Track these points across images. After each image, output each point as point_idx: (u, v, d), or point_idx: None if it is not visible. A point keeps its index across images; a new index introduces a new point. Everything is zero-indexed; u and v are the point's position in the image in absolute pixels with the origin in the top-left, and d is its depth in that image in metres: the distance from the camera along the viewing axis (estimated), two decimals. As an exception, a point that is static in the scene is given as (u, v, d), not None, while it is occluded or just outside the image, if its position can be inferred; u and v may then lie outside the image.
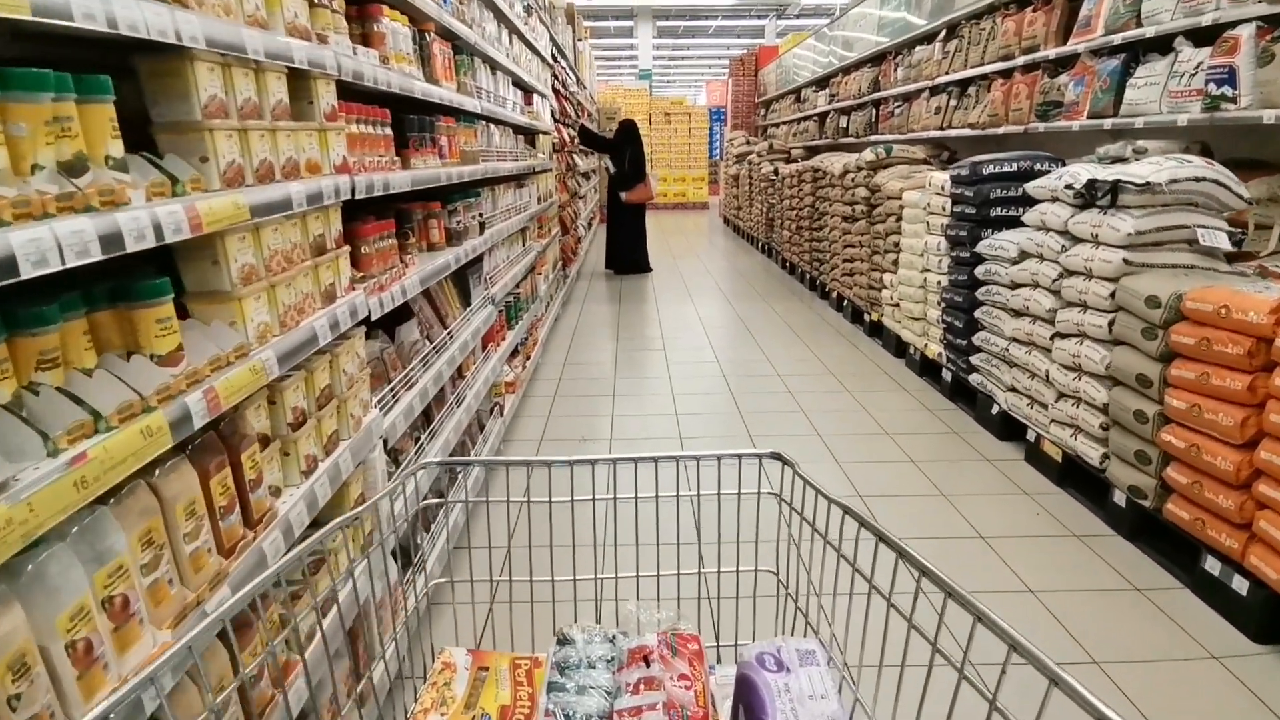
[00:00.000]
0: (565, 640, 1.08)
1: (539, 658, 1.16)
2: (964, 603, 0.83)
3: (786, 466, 1.24)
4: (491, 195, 3.78)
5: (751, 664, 1.01)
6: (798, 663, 1.01)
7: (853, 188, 6.42)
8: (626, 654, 1.06)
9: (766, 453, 1.26)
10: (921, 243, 4.89)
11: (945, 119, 6.13)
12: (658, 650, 1.05)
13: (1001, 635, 0.78)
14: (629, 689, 0.99)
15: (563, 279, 7.30)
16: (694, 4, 22.36)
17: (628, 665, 1.04)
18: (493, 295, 3.53)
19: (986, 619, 0.80)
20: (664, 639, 1.08)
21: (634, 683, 0.99)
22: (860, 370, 5.23)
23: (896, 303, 5.38)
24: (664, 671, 1.01)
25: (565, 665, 1.04)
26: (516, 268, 4.33)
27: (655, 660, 1.03)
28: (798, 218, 8.66)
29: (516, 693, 1.09)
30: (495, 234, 3.65)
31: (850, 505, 1.09)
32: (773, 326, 6.55)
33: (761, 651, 1.02)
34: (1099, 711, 0.66)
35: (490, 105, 3.65)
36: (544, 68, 6.30)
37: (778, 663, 1.01)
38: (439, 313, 2.83)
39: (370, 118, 2.02)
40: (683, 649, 1.06)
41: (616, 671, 1.04)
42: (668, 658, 1.04)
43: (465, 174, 3.01)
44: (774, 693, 0.96)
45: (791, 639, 1.06)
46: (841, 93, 9.12)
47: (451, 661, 1.13)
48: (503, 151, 4.07)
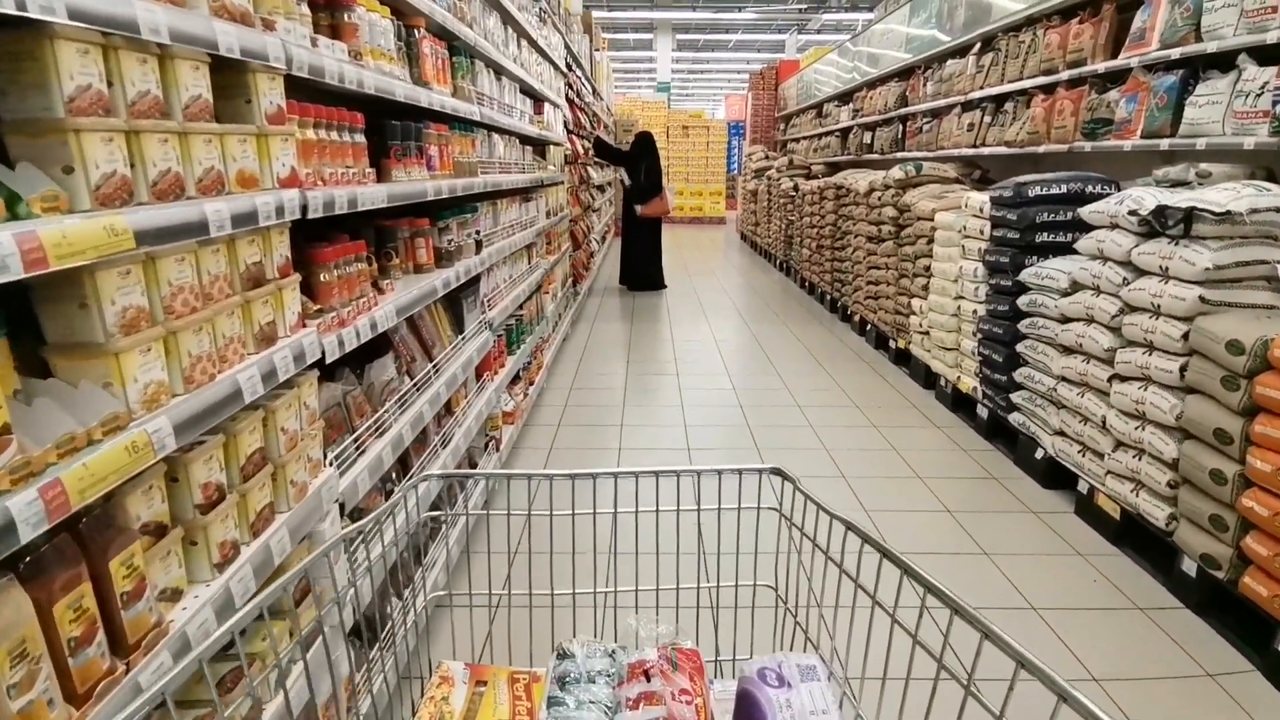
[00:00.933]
0: (565, 654, 1.08)
1: (538, 672, 1.15)
2: (970, 619, 0.81)
3: (787, 482, 1.23)
4: (492, 210, 3.48)
5: (752, 679, 1.02)
6: (799, 678, 1.01)
7: (879, 206, 6.09)
8: (626, 668, 1.05)
9: (768, 468, 1.26)
10: (955, 268, 4.54)
11: (978, 136, 5.79)
12: (658, 665, 1.04)
13: (1009, 651, 0.76)
14: (629, 704, 0.99)
15: (573, 296, 7.00)
16: (714, 17, 22.16)
17: (628, 680, 1.03)
18: (490, 320, 3.23)
19: (994, 635, 0.78)
20: (664, 653, 1.07)
21: (634, 697, 0.99)
22: (886, 402, 4.88)
23: (926, 330, 5.03)
24: (664, 686, 1.00)
25: (565, 680, 1.03)
26: (520, 288, 4.03)
27: (655, 675, 1.03)
28: (818, 236, 8.32)
29: (515, 707, 1.09)
30: (495, 252, 3.35)
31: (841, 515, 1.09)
32: (792, 350, 6.21)
33: (762, 666, 1.03)
34: None
35: (493, 113, 3.36)
36: (557, 76, 6.02)
37: (779, 678, 1.02)
38: (424, 343, 2.52)
39: (336, 122, 1.72)
40: (683, 663, 1.06)
41: (616, 686, 1.03)
42: (668, 672, 1.04)
43: (460, 188, 2.71)
44: (775, 708, 0.96)
45: (792, 654, 1.07)
46: (866, 108, 8.80)
47: (449, 675, 1.12)
48: (506, 163, 3.78)
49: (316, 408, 1.59)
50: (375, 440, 1.92)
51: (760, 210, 12.76)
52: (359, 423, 1.85)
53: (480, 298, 3.20)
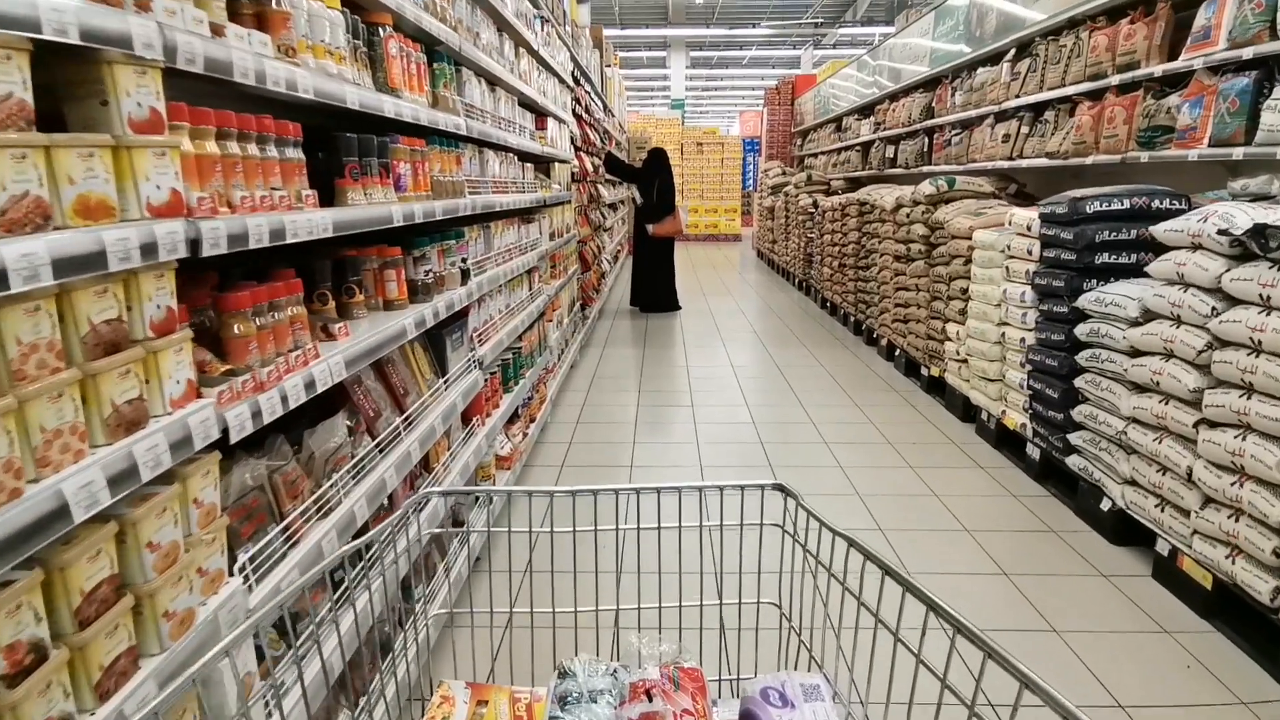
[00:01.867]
0: (566, 673, 1.07)
1: (539, 692, 1.14)
2: (973, 638, 0.81)
3: (790, 499, 1.22)
4: (484, 234, 3.12)
5: (755, 699, 1.02)
6: (802, 698, 1.01)
7: (908, 224, 5.69)
8: (628, 688, 1.04)
9: (771, 484, 1.25)
10: (998, 291, 4.13)
11: (1015, 147, 5.39)
12: (660, 684, 1.04)
13: (1014, 673, 0.75)
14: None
15: (581, 321, 6.64)
16: (729, 34, 21.95)
17: (630, 699, 1.02)
18: (480, 358, 2.86)
19: (997, 655, 0.78)
20: (666, 672, 1.07)
21: (635, 718, 0.99)
22: (922, 438, 4.45)
23: (964, 358, 4.61)
24: (666, 706, 1.00)
25: (566, 699, 1.02)
26: (518, 318, 3.66)
27: (658, 694, 1.02)
28: (840, 254, 7.92)
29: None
30: (488, 281, 2.99)
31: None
32: (815, 378, 5.80)
33: (765, 686, 1.04)
34: None
35: (485, 127, 3.01)
36: (563, 90, 5.70)
37: (782, 698, 1.01)
38: (395, 392, 2.15)
39: (253, 132, 1.36)
40: (685, 683, 1.06)
41: (618, 706, 1.02)
42: (670, 692, 1.03)
43: (440, 211, 2.35)
44: None
45: (796, 673, 1.08)
46: (888, 120, 8.42)
47: (450, 695, 1.12)
48: (502, 182, 3.43)
49: (217, 501, 1.21)
50: (315, 525, 1.54)
51: (777, 227, 12.38)
52: (291, 506, 1.47)
53: (468, 333, 2.83)
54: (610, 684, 1.05)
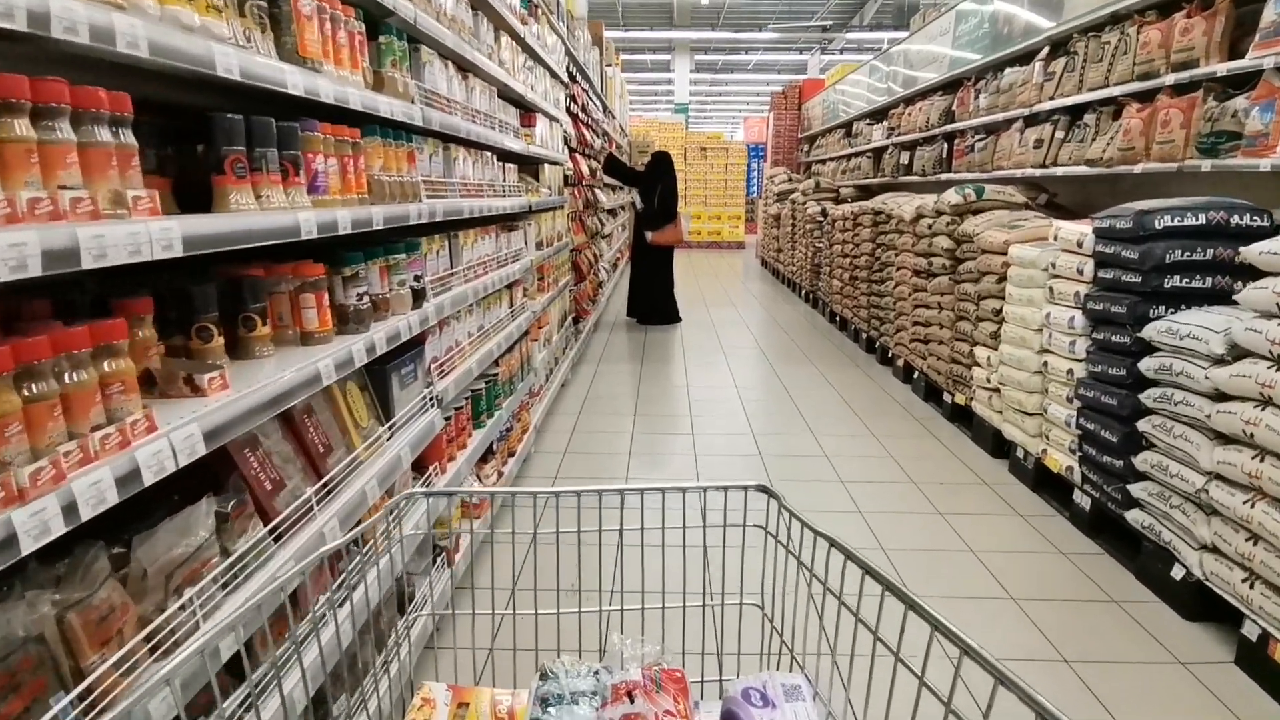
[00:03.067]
0: (548, 675, 1.07)
1: (521, 694, 1.14)
2: (949, 634, 0.82)
3: (773, 500, 1.22)
4: (448, 246, 2.65)
5: (737, 699, 1.02)
6: (783, 698, 1.02)
7: (929, 236, 5.22)
8: (610, 689, 1.05)
9: (754, 485, 1.25)
10: (1038, 314, 3.66)
11: (1048, 154, 4.93)
12: (642, 685, 1.04)
13: (988, 668, 0.77)
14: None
15: (574, 335, 6.16)
16: (734, 37, 21.53)
17: (612, 701, 1.02)
18: (439, 394, 2.38)
19: (973, 652, 0.79)
20: (649, 673, 1.07)
21: (617, 719, 0.99)
22: (949, 475, 3.97)
23: (995, 387, 4.13)
24: (648, 707, 1.00)
25: (547, 700, 1.03)
26: (494, 340, 3.19)
27: (639, 695, 1.02)
28: (852, 267, 7.45)
29: None
30: (452, 301, 2.52)
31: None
32: (826, 402, 5.32)
33: (747, 687, 1.04)
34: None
35: (452, 119, 2.54)
36: (556, 86, 5.24)
37: (763, 698, 1.02)
38: (310, 452, 1.67)
39: (29, 102, 0.89)
40: (668, 684, 1.06)
41: (600, 707, 1.02)
42: (652, 693, 1.03)
43: (378, 218, 1.88)
44: None
45: (778, 674, 1.09)
46: (903, 125, 7.96)
47: (431, 698, 1.11)
48: (476, 184, 2.96)
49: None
50: (145, 672, 1.06)
51: (783, 236, 11.92)
52: (100, 656, 1.00)
53: (425, 365, 2.36)
54: (592, 685, 1.05)
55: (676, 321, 8.43)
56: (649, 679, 1.05)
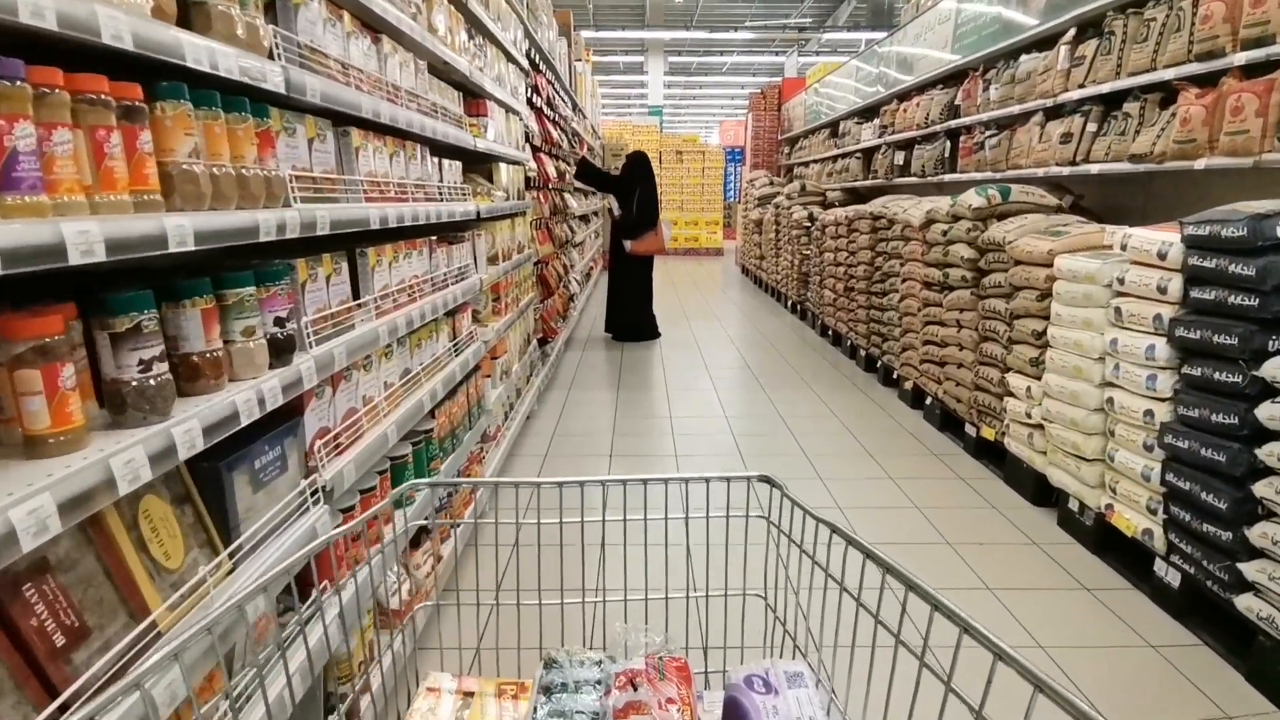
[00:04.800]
0: (552, 663, 1.08)
1: (526, 683, 1.14)
2: (949, 614, 0.82)
3: (775, 489, 1.22)
4: (351, 267, 1.93)
5: (739, 686, 1.03)
6: (786, 685, 1.02)
7: (944, 244, 4.58)
8: (614, 678, 1.05)
9: (755, 475, 1.25)
10: (1100, 340, 3.02)
11: (1078, 149, 4.31)
12: (645, 673, 1.05)
13: (987, 644, 0.77)
14: (616, 713, 0.99)
15: (541, 360, 5.43)
16: (709, 37, 20.95)
17: (615, 689, 1.03)
18: (327, 484, 1.65)
19: (973, 630, 0.79)
20: (652, 662, 1.08)
21: (621, 706, 0.99)
22: (988, 533, 3.31)
23: (1038, 423, 3.49)
24: (651, 695, 1.01)
25: (551, 689, 1.03)
26: (425, 389, 2.46)
27: (643, 684, 1.03)
28: (848, 277, 6.81)
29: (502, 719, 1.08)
30: (351, 346, 1.80)
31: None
32: (830, 436, 4.65)
33: (750, 674, 1.04)
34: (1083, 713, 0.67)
35: (347, 93, 1.82)
36: (515, 73, 4.52)
37: (766, 685, 1.02)
38: (29, 647, 0.94)
39: None
40: (671, 672, 1.07)
41: (604, 695, 1.02)
42: (655, 681, 1.04)
43: (171, 232, 1.15)
44: (762, 715, 0.96)
45: (780, 661, 1.09)
46: (898, 123, 7.35)
47: (436, 687, 1.12)
48: (391, 185, 2.23)
49: None
50: None
51: (766, 242, 11.29)
52: None
53: (304, 446, 1.63)
54: (596, 674, 1.06)
55: (655, 337, 7.74)
56: (652, 667, 1.06)
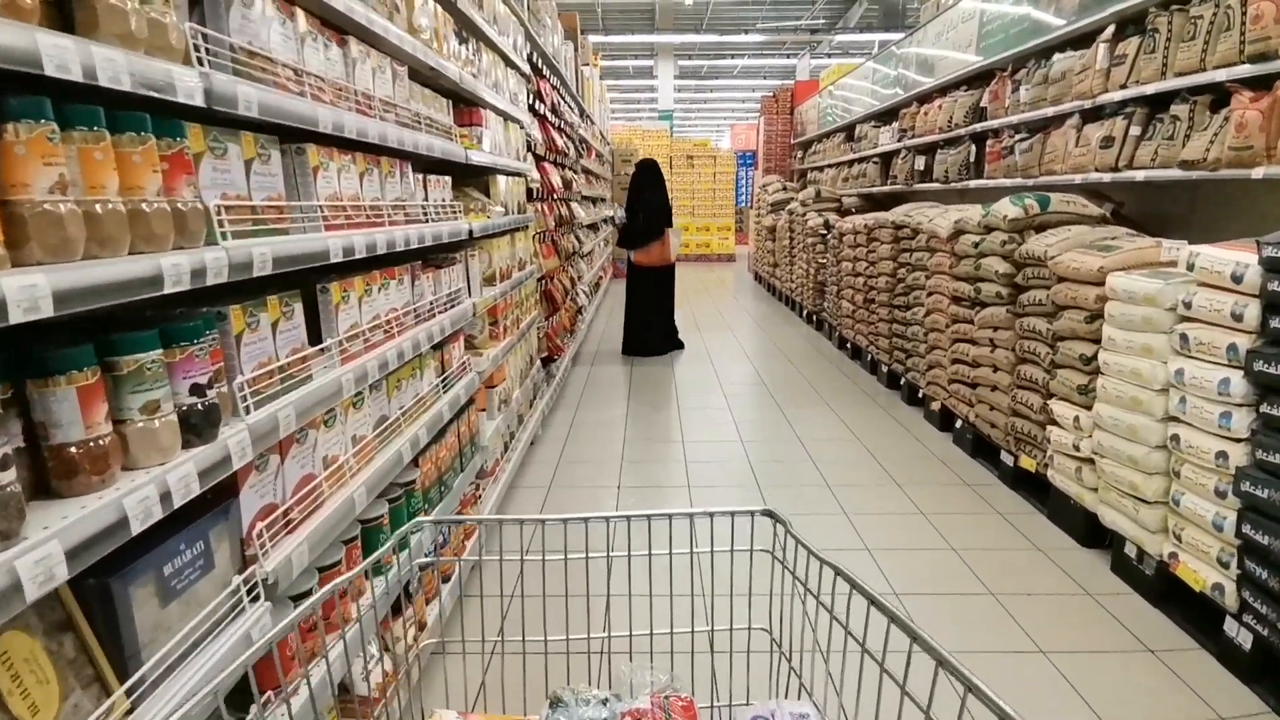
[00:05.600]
0: (558, 702, 1.08)
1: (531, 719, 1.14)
2: (954, 671, 0.83)
3: (779, 525, 1.21)
4: (312, 306, 1.65)
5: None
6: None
7: (975, 256, 4.27)
8: (620, 717, 1.05)
9: (760, 510, 1.25)
10: (1162, 370, 2.70)
11: (1121, 154, 3.98)
12: (652, 713, 1.05)
13: (991, 706, 0.77)
14: None
15: (546, 380, 5.15)
16: (720, 40, 20.67)
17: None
18: (269, 575, 1.37)
19: (977, 690, 0.80)
20: (658, 701, 1.08)
21: None
22: (1034, 579, 2.99)
23: (1088, 457, 3.17)
24: None
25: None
26: (406, 437, 2.18)
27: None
28: (867, 288, 6.50)
29: None
30: (302, 406, 1.52)
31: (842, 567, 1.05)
32: (852, 462, 4.34)
33: (756, 715, 1.07)
34: None
35: (300, 105, 1.54)
36: (515, 78, 4.25)
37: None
38: None
39: None
40: (677, 712, 1.06)
41: None
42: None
43: (6, 296, 0.87)
44: None
45: (786, 701, 1.11)
46: (918, 126, 7.04)
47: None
48: (362, 208, 1.96)
49: None
50: None
51: (780, 249, 10.98)
52: None
53: (240, 531, 1.34)
54: (602, 713, 1.05)
55: (662, 352, 7.43)
56: (658, 707, 1.06)
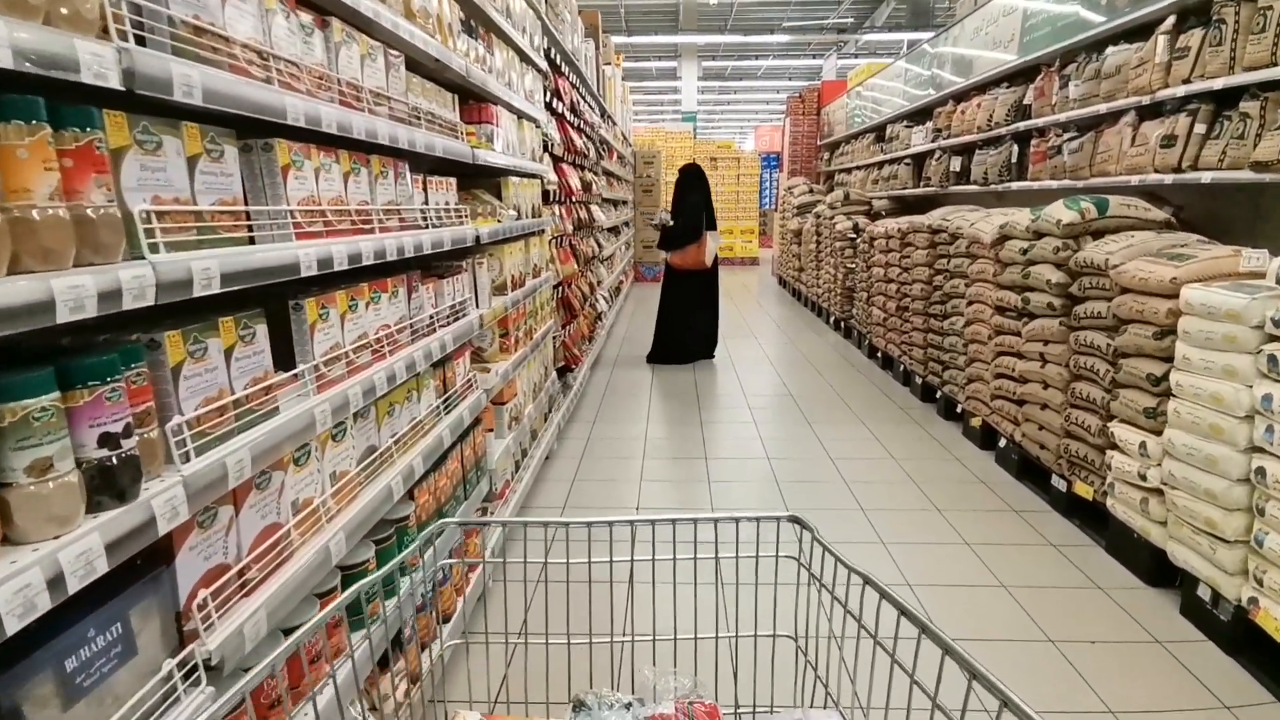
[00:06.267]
0: (581, 705, 1.07)
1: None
2: (989, 685, 0.81)
3: (806, 531, 1.21)
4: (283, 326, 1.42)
5: None
6: None
7: (1023, 264, 3.97)
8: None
9: (786, 515, 1.25)
10: (1246, 395, 2.40)
11: (1184, 154, 3.67)
12: (675, 718, 1.04)
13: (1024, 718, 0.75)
14: None
15: (562, 392, 4.92)
16: (744, 41, 20.38)
17: None
18: (209, 656, 1.14)
19: (1012, 704, 0.77)
20: (682, 707, 1.07)
21: None
22: (1092, 619, 2.70)
23: (1156, 487, 2.87)
24: None
25: None
26: (400, 467, 1.95)
27: None
28: (900, 295, 6.20)
29: None
30: (259, 445, 1.29)
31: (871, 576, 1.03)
32: (890, 485, 4.05)
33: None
34: None
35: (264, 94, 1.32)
36: (534, 76, 4.03)
37: None
38: None
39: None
40: (700, 717, 1.05)
41: None
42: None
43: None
44: None
45: (813, 710, 1.11)
46: (954, 126, 6.72)
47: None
48: (351, 212, 1.73)
49: None
50: None
51: (805, 253, 10.68)
52: None
53: (174, 605, 1.12)
54: (625, 717, 1.05)
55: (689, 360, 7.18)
56: (682, 713, 1.05)
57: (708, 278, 7.15)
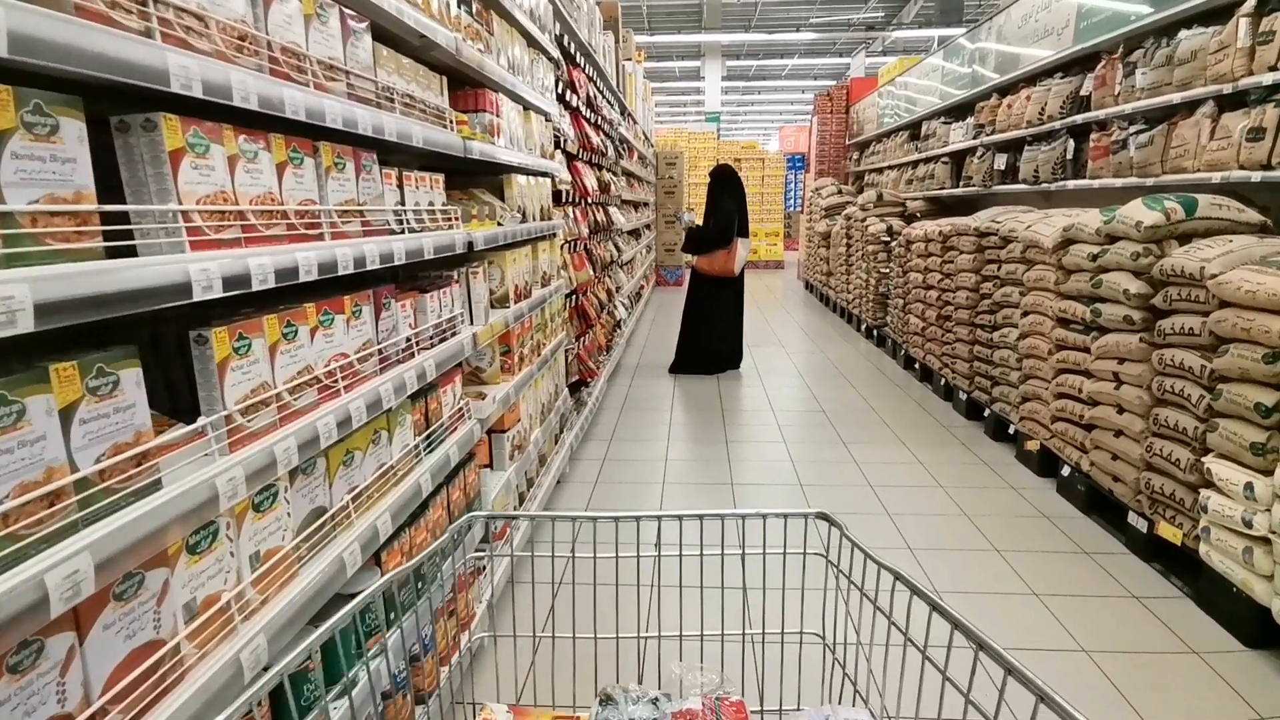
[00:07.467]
0: (608, 700, 1.07)
1: (581, 715, 1.13)
2: (1025, 681, 0.78)
3: (834, 527, 1.19)
4: (184, 362, 1.06)
5: None
6: None
7: (1092, 271, 3.52)
8: (670, 717, 1.04)
9: (814, 512, 1.23)
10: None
11: (1275, 148, 3.23)
12: (702, 715, 1.03)
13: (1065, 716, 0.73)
14: None
15: (575, 409, 4.53)
16: (768, 39, 19.93)
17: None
18: None
19: (1049, 699, 0.75)
20: (708, 703, 1.06)
21: None
22: (1185, 689, 2.26)
23: (1262, 535, 2.42)
24: None
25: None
26: (359, 529, 1.58)
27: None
28: (941, 304, 5.75)
29: None
30: (103, 549, 0.92)
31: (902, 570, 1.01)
32: (934, 513, 3.62)
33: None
34: None
35: (130, 50, 0.95)
36: (545, 64, 3.65)
37: None
38: None
39: None
40: (727, 714, 1.04)
41: None
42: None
43: None
44: None
45: (840, 708, 1.07)
46: (999, 121, 6.26)
47: (492, 718, 1.11)
48: (291, 212, 1.36)
49: None
50: None
51: (834, 257, 10.22)
52: None
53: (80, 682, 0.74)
54: (652, 712, 1.04)
55: (712, 371, 6.79)
56: (709, 709, 1.05)
57: (735, 285, 6.75)
